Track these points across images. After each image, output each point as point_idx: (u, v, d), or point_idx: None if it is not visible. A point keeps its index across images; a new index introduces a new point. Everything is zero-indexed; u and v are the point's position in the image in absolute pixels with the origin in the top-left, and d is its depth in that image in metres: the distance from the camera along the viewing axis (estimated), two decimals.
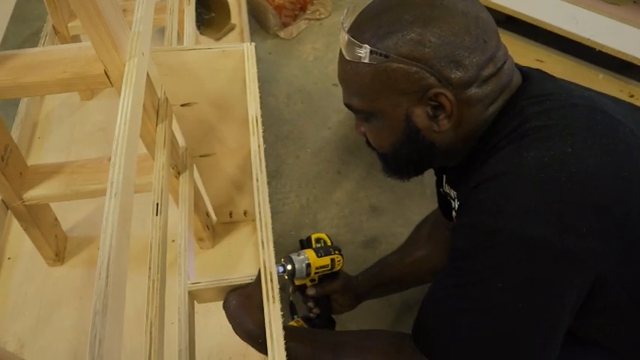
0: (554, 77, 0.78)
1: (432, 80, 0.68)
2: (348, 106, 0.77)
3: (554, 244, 0.61)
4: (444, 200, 0.94)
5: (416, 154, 0.77)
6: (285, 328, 0.66)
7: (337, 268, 1.04)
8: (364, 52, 0.69)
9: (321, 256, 1.01)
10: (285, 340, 0.65)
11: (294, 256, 0.98)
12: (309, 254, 1.00)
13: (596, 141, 0.65)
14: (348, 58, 0.72)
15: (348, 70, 0.73)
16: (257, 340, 0.75)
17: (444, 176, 0.90)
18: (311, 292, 1.04)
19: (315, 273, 1.01)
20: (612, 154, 0.65)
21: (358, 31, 0.71)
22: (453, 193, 0.86)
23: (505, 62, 0.72)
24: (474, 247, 0.66)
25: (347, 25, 0.73)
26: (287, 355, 0.63)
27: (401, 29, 0.67)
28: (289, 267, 0.97)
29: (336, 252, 1.04)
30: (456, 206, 0.84)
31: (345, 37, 0.71)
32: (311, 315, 1.08)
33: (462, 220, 0.71)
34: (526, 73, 0.77)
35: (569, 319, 0.65)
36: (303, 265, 0.98)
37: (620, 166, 0.65)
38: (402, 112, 0.72)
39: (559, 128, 0.66)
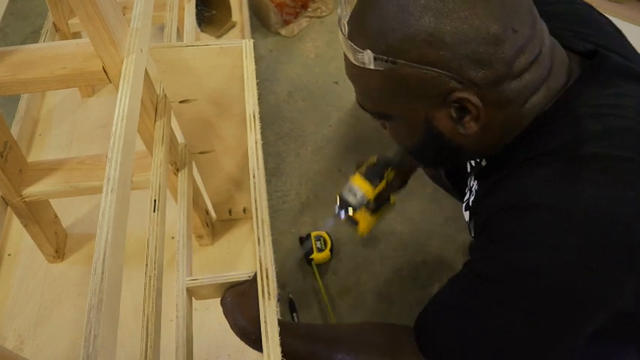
0: (625, 68, 0.64)
1: (452, 84, 0.58)
2: (360, 106, 0.69)
3: (591, 295, 0.57)
4: (457, 175, 0.90)
5: (441, 155, 0.70)
6: (280, 323, 0.66)
7: (391, 179, 1.04)
8: (367, 59, 0.59)
9: (374, 184, 1.01)
10: (279, 335, 0.64)
11: (345, 194, 0.99)
12: (361, 186, 1.00)
13: None
14: (352, 62, 0.62)
15: (354, 72, 0.64)
16: (250, 336, 0.74)
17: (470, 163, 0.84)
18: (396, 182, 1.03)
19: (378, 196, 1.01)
20: None
21: (358, 31, 0.61)
22: (473, 184, 0.78)
23: (541, 50, 0.60)
24: (500, 274, 0.60)
25: (345, 19, 0.63)
26: (282, 351, 0.63)
27: (407, 26, 0.56)
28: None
29: (388, 168, 1.03)
30: (472, 199, 0.76)
31: (344, 40, 0.62)
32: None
33: (487, 244, 0.64)
34: (590, 55, 0.64)
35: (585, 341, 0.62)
36: (359, 197, 0.99)
37: None
38: (421, 116, 0.63)
39: (623, 164, 0.57)
